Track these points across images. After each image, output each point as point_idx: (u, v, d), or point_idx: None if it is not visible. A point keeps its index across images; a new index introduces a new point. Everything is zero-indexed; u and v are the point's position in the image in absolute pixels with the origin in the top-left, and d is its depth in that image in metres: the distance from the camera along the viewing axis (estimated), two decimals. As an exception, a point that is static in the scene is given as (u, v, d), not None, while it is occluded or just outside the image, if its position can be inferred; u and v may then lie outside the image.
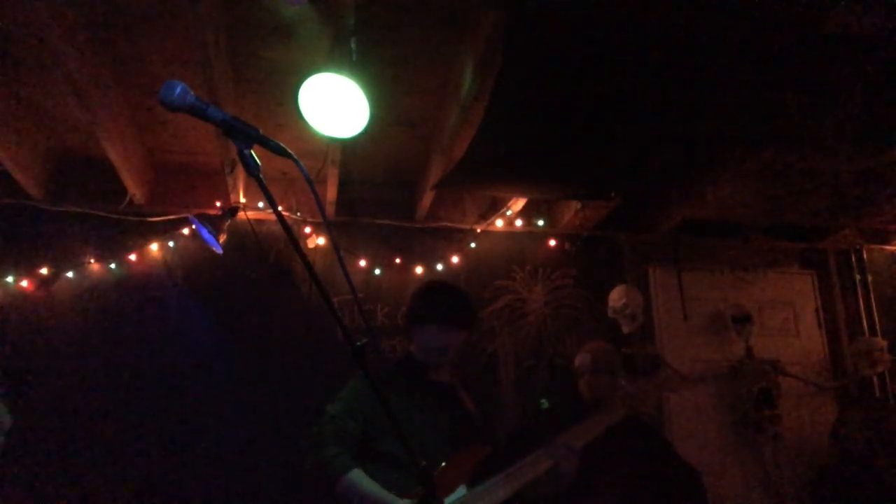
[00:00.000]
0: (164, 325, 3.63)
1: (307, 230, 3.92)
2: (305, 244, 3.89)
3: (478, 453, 2.13)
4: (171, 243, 3.77)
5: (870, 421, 3.86)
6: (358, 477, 1.96)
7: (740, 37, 2.21)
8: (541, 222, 4.25)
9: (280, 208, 1.33)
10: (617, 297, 4.03)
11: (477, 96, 2.75)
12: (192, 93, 1.19)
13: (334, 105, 2.49)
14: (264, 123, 3.31)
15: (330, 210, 3.84)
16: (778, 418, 3.92)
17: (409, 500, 1.90)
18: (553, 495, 2.20)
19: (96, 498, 3.29)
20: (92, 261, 3.64)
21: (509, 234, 4.22)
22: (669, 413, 4.08)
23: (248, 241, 3.81)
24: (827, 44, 2.20)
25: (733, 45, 2.26)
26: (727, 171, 3.25)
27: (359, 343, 1.34)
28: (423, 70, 2.95)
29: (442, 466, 2.02)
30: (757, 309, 4.31)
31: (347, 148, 3.27)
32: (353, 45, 2.43)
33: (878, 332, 4.41)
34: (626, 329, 4.03)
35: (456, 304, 2.30)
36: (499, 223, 4.14)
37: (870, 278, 4.56)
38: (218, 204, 3.76)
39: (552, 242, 4.26)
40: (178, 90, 1.16)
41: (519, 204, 4.03)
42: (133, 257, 3.70)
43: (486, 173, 3.32)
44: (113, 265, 3.68)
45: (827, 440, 4.03)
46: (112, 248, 3.68)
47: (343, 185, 3.69)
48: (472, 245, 4.15)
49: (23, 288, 3.54)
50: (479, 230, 4.15)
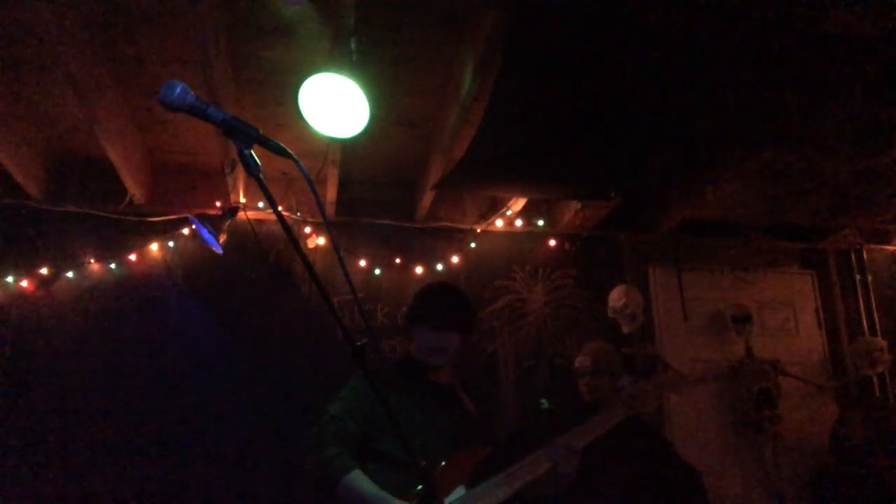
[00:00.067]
0: (164, 325, 3.63)
1: (307, 230, 3.92)
2: (305, 244, 3.90)
3: (477, 453, 2.13)
4: (171, 243, 3.77)
5: (870, 421, 3.86)
6: (358, 477, 1.96)
7: (740, 37, 2.22)
8: (541, 222, 4.25)
9: (280, 208, 1.33)
10: (617, 297, 4.03)
11: (477, 96, 2.75)
12: (192, 93, 1.19)
13: (334, 105, 2.49)
14: (264, 123, 3.31)
15: (330, 210, 3.84)
16: (778, 418, 3.92)
17: (409, 500, 1.90)
18: (553, 496, 2.19)
19: (96, 498, 3.29)
20: (92, 261, 3.64)
21: (509, 234, 4.22)
22: (669, 413, 4.08)
23: (248, 241, 3.81)
24: (827, 44, 2.21)
25: (733, 45, 2.26)
26: (727, 171, 3.25)
27: (359, 343, 1.34)
28: (423, 70, 2.95)
29: (441, 466, 2.02)
30: (757, 309, 4.32)
31: (347, 148, 3.27)
32: (353, 45, 2.43)
33: (878, 332, 4.41)
34: (626, 329, 4.02)
35: (455, 306, 2.30)
36: (499, 223, 4.14)
37: (870, 278, 4.56)
38: (218, 204, 3.77)
39: (552, 242, 4.26)
40: (178, 90, 1.16)
41: (519, 204, 4.03)
42: (133, 257, 3.70)
43: (486, 173, 3.32)
44: (113, 265, 3.68)
45: (827, 440, 4.03)
46: (112, 248, 3.68)
47: (343, 185, 3.69)
48: (472, 245, 4.15)
49: (23, 288, 3.54)
50: (479, 230, 4.15)
